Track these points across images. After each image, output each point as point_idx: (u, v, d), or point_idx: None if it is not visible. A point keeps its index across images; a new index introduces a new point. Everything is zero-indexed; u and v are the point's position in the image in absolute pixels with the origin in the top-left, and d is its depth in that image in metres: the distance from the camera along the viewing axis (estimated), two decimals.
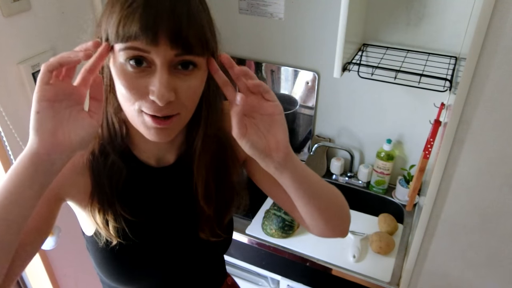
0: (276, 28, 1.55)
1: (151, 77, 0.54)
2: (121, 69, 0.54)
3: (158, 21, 0.51)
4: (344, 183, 1.68)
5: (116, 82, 0.56)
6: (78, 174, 0.66)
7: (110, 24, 0.53)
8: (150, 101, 0.54)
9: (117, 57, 0.54)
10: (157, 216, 0.73)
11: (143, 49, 0.52)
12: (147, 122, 0.56)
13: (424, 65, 1.27)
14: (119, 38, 0.52)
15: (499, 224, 1.01)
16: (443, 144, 0.94)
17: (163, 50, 0.52)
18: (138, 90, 0.54)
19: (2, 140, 1.03)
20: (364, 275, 1.27)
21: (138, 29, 0.51)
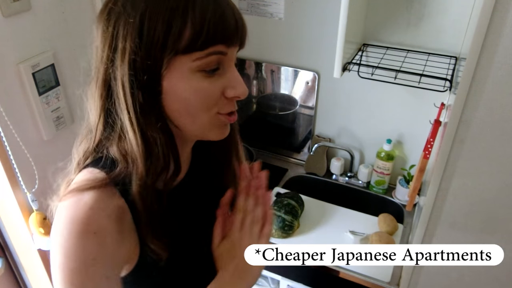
0: (276, 28, 1.55)
1: (222, 78, 0.56)
2: (195, 78, 0.53)
3: (239, 23, 0.54)
4: (344, 183, 1.68)
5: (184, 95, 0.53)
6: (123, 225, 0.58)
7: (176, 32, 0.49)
8: (225, 101, 0.57)
9: (186, 67, 0.52)
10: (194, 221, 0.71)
11: (224, 51, 0.53)
12: (224, 121, 0.59)
13: (424, 65, 1.27)
14: (204, 43, 0.51)
15: (499, 224, 1.01)
16: (443, 144, 0.94)
17: (233, 49, 0.55)
18: (214, 96, 0.55)
19: (2, 140, 1.03)
20: (364, 275, 1.27)
21: (227, 32, 0.52)
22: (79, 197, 0.55)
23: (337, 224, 1.47)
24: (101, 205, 0.55)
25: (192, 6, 0.50)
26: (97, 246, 0.54)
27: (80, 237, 0.53)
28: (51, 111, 1.15)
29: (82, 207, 0.54)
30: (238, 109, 0.62)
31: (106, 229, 0.54)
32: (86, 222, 0.53)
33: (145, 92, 0.53)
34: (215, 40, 0.52)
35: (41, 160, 1.14)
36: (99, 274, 0.54)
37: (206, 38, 0.51)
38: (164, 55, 0.51)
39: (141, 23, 0.50)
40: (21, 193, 1.11)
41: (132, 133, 0.55)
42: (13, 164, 1.07)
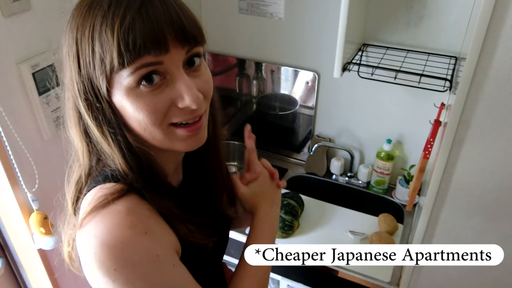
0: (276, 28, 1.55)
1: (170, 87, 0.51)
2: (134, 95, 0.50)
3: (161, 25, 0.48)
4: (344, 183, 1.68)
5: (130, 113, 0.52)
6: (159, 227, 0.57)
7: (100, 55, 0.48)
8: (179, 111, 0.52)
9: (123, 86, 0.50)
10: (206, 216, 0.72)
11: (155, 61, 0.49)
12: (182, 134, 0.54)
13: (424, 65, 1.27)
14: (124, 62, 0.48)
15: (499, 224, 1.01)
16: (443, 144, 0.94)
17: (175, 53, 0.50)
18: (163, 107, 0.51)
19: (2, 140, 1.03)
20: (364, 275, 1.27)
21: (147, 41, 0.47)
22: (108, 210, 0.53)
23: (337, 224, 1.47)
24: (136, 209, 0.54)
25: (106, 21, 0.48)
26: (153, 242, 0.52)
27: (135, 241, 0.50)
28: (51, 111, 1.15)
29: (118, 216, 0.52)
30: (238, 110, 0.61)
31: (152, 227, 0.54)
32: (132, 226, 0.51)
33: (104, 115, 0.53)
34: (134, 54, 0.47)
35: (41, 160, 1.14)
36: (167, 266, 0.53)
37: (124, 53, 0.47)
38: (99, 78, 0.50)
39: (76, 50, 0.52)
40: (21, 193, 1.11)
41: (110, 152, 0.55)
42: (13, 164, 1.07)
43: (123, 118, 0.54)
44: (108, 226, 0.51)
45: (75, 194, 0.61)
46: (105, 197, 0.54)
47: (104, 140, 0.55)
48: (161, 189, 0.59)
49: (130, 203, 0.54)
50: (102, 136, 0.55)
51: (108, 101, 0.52)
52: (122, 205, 0.53)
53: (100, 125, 0.54)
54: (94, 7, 0.50)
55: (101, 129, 0.54)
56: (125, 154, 0.55)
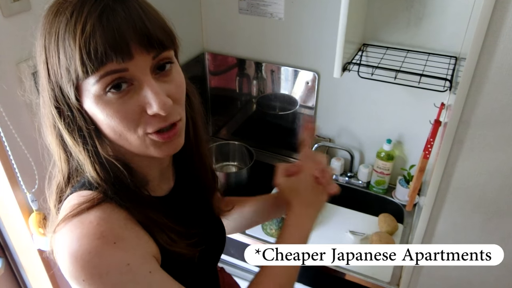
0: (276, 28, 1.55)
1: (138, 93, 0.50)
2: (103, 103, 0.49)
3: (123, 31, 0.47)
4: (344, 183, 1.68)
5: (102, 119, 0.51)
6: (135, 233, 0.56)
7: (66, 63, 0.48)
8: (150, 118, 0.51)
9: (92, 94, 0.49)
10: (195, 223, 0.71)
11: (119, 69, 0.47)
12: (156, 141, 0.53)
13: (424, 65, 1.27)
14: (87, 70, 0.47)
15: (499, 224, 1.01)
16: (443, 144, 0.94)
17: (140, 59, 0.49)
18: (132, 114, 0.50)
19: (2, 140, 1.03)
20: (364, 275, 1.27)
21: (108, 49, 0.46)
22: (79, 219, 0.52)
23: (337, 224, 1.47)
24: (108, 219, 0.53)
25: (68, 29, 0.47)
26: (123, 252, 0.51)
27: (102, 252, 0.50)
28: None
29: (88, 227, 0.51)
30: (238, 110, 0.61)
31: (123, 236, 0.53)
32: (100, 236, 0.50)
33: (74, 123, 0.53)
34: (97, 62, 0.46)
35: (41, 160, 1.14)
36: (141, 274, 0.52)
37: (87, 62, 0.46)
38: (67, 86, 0.50)
39: (45, 57, 0.51)
40: (21, 193, 1.11)
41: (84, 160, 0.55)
42: (13, 164, 1.07)
43: (96, 125, 0.53)
44: (77, 236, 0.51)
45: (56, 198, 0.61)
46: (78, 205, 0.54)
47: (76, 148, 0.54)
48: (137, 198, 0.58)
49: (103, 213, 0.53)
50: (75, 144, 0.54)
51: (78, 109, 0.52)
52: (94, 214, 0.53)
53: (72, 133, 0.54)
54: (59, 14, 0.49)
55: (73, 137, 0.54)
56: (95, 163, 0.55)
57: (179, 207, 0.70)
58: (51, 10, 0.51)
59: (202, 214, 0.76)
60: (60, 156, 0.58)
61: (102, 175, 0.55)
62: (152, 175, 0.63)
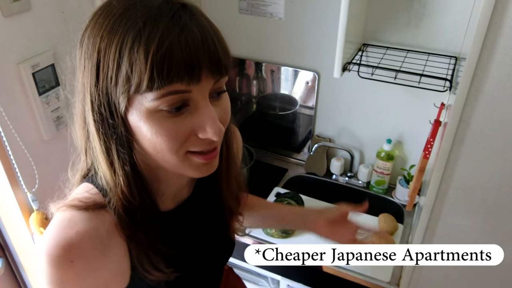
0: (276, 28, 1.55)
1: (193, 115, 0.49)
2: (154, 119, 0.48)
3: (199, 55, 0.46)
4: (344, 183, 1.68)
5: (146, 135, 0.50)
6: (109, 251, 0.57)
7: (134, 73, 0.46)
8: (197, 140, 0.51)
9: (144, 107, 0.48)
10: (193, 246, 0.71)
11: (184, 90, 0.47)
12: (197, 162, 0.53)
13: (424, 65, 1.27)
14: (153, 86, 0.45)
15: (499, 224, 1.01)
16: (443, 144, 0.94)
17: (205, 83, 0.48)
18: (183, 135, 0.50)
19: (2, 140, 1.03)
20: (364, 275, 1.27)
21: (182, 71, 0.45)
22: (72, 215, 0.55)
23: None
24: (89, 229, 0.54)
25: (139, 40, 0.45)
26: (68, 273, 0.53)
27: (56, 261, 0.52)
28: (51, 111, 1.15)
29: (70, 229, 0.53)
30: (238, 110, 0.61)
31: (86, 257, 0.54)
32: (67, 248, 0.52)
33: (111, 130, 0.52)
34: (167, 81, 0.45)
35: (41, 160, 1.14)
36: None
37: (156, 78, 0.45)
38: (119, 95, 0.48)
39: (97, 60, 0.48)
40: (21, 193, 1.11)
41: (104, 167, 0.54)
42: (13, 164, 1.07)
43: (135, 137, 0.52)
44: (52, 232, 0.54)
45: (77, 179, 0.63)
46: (82, 201, 0.56)
47: (101, 155, 0.54)
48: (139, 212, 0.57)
49: (91, 220, 0.54)
50: (102, 152, 0.53)
51: (123, 118, 0.50)
52: (83, 219, 0.54)
53: (104, 140, 0.52)
54: (125, 19, 0.47)
55: (104, 144, 0.53)
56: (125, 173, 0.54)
57: (183, 222, 0.69)
58: (112, 12, 0.48)
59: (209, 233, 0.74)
60: (83, 148, 0.59)
61: (119, 182, 0.54)
62: (168, 191, 0.63)
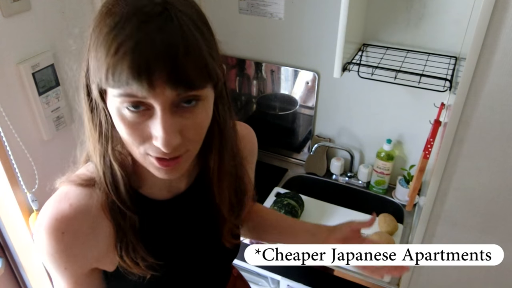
0: (276, 28, 1.55)
1: (152, 121, 0.49)
2: (119, 113, 0.50)
3: (151, 65, 0.45)
4: (344, 183, 1.68)
5: (117, 125, 0.52)
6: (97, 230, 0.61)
7: (97, 68, 0.48)
8: (154, 146, 0.51)
9: (112, 101, 0.50)
10: (183, 241, 0.72)
11: (139, 96, 0.47)
12: (154, 164, 0.53)
13: (424, 65, 1.27)
14: (110, 85, 0.47)
15: (499, 224, 1.01)
16: (443, 144, 0.94)
17: (162, 93, 0.47)
18: (141, 135, 0.51)
19: (2, 140, 1.03)
20: (364, 275, 1.27)
21: (130, 78, 0.45)
22: (68, 189, 0.60)
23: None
24: (80, 204, 0.59)
25: (107, 38, 0.47)
26: (59, 244, 0.58)
27: (49, 232, 0.58)
28: (51, 111, 1.15)
29: (64, 202, 0.59)
30: (238, 110, 0.61)
31: (76, 231, 0.59)
32: (60, 219, 0.58)
33: (95, 117, 0.56)
34: (121, 84, 0.46)
35: (41, 160, 1.14)
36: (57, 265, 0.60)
37: (110, 79, 0.47)
38: (93, 84, 0.52)
39: (88, 45, 0.51)
40: (21, 193, 1.11)
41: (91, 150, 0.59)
42: (13, 164, 1.07)
43: (113, 125, 0.55)
44: (48, 204, 0.60)
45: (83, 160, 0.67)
46: (79, 177, 0.61)
47: (89, 139, 0.59)
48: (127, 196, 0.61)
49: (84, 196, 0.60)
50: (89, 136, 0.58)
51: (103, 107, 0.54)
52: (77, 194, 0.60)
53: (90, 126, 0.57)
54: (110, 14, 0.48)
55: (91, 130, 0.57)
56: (103, 156, 0.58)
57: (176, 214, 0.69)
58: (107, 2, 0.50)
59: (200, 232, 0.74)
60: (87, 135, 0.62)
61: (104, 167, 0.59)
62: (159, 181, 0.63)
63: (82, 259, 0.62)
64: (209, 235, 0.75)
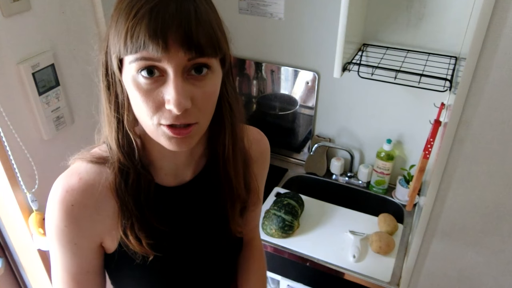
0: (276, 28, 1.55)
1: (165, 86, 0.53)
2: (134, 81, 0.54)
3: (166, 26, 0.50)
4: (344, 183, 1.68)
5: (131, 96, 0.56)
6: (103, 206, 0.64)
7: (117, 37, 0.53)
8: (167, 112, 0.54)
9: (129, 70, 0.54)
10: (184, 229, 0.72)
11: (153, 58, 0.51)
12: (167, 133, 0.56)
13: (424, 65, 1.27)
14: (128, 50, 0.51)
15: (499, 224, 1.01)
16: (443, 144, 0.94)
17: (175, 56, 0.51)
18: (154, 102, 0.54)
19: (2, 140, 1.03)
20: (364, 275, 1.27)
21: (147, 38, 0.50)
22: (79, 165, 0.64)
23: (337, 224, 1.47)
24: (90, 179, 0.63)
25: (129, 7, 0.52)
26: (69, 216, 0.62)
27: (59, 204, 0.61)
28: (51, 111, 1.15)
29: (75, 176, 0.63)
30: None
31: (84, 204, 0.62)
32: (70, 192, 0.61)
33: (113, 94, 0.59)
34: (137, 47, 0.51)
35: (41, 160, 1.14)
36: (67, 239, 0.63)
37: (128, 43, 0.51)
38: (113, 56, 0.55)
39: (110, 24, 0.56)
40: (21, 193, 1.11)
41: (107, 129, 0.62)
42: (13, 164, 1.07)
43: (130, 101, 0.58)
44: (60, 178, 0.64)
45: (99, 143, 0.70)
46: (92, 155, 0.65)
47: (105, 117, 0.61)
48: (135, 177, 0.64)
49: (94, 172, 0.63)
50: (106, 114, 0.61)
51: (120, 81, 0.57)
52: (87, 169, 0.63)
53: (107, 103, 0.60)
54: None
55: (108, 107, 0.60)
56: (117, 131, 0.61)
57: (180, 202, 0.70)
58: None
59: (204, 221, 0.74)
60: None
61: (118, 143, 0.62)
62: (166, 165, 0.67)
63: (91, 232, 0.65)
64: (213, 227, 0.76)
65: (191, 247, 0.74)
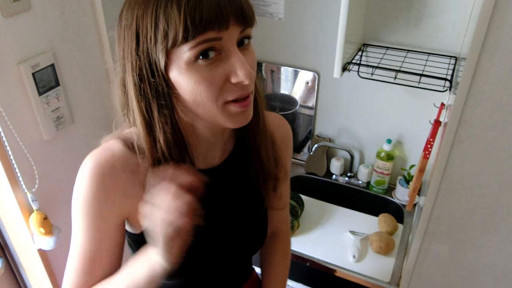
0: (276, 28, 1.55)
1: (225, 63, 0.55)
2: (192, 69, 0.54)
3: (225, 4, 0.52)
4: (344, 183, 1.68)
5: (186, 86, 0.55)
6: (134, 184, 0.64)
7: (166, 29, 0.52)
8: (232, 86, 0.55)
9: (182, 60, 0.53)
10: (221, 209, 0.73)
11: (216, 37, 0.52)
12: (234, 110, 0.57)
13: (424, 65, 1.27)
14: (188, 36, 0.51)
15: (499, 224, 1.01)
16: (443, 144, 0.94)
17: (233, 31, 0.54)
18: (218, 82, 0.55)
19: (2, 140, 1.03)
20: (364, 275, 1.27)
21: (213, 17, 0.51)
22: (113, 142, 0.65)
23: (337, 224, 1.47)
24: (122, 156, 0.63)
25: (173, 1, 0.51)
26: (99, 186, 0.61)
27: (91, 173, 0.61)
28: (51, 111, 1.15)
29: (108, 151, 0.63)
30: None
31: (115, 177, 0.62)
32: (103, 164, 0.61)
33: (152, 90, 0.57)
34: (200, 29, 0.51)
35: (41, 160, 1.14)
36: (94, 211, 0.63)
37: (190, 28, 0.51)
38: (158, 52, 0.54)
39: (136, 27, 0.54)
40: (21, 193, 1.11)
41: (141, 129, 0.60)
42: (13, 164, 1.07)
43: (176, 93, 0.57)
44: (94, 151, 0.64)
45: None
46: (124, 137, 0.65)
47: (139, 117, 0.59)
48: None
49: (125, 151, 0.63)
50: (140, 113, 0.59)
51: (163, 76, 0.56)
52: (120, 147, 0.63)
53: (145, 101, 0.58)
54: None
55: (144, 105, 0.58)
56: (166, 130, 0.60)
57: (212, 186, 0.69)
58: None
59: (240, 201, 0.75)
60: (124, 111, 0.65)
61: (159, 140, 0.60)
62: (199, 148, 0.67)
63: (118, 205, 0.64)
64: (248, 206, 0.76)
65: (225, 229, 0.74)
